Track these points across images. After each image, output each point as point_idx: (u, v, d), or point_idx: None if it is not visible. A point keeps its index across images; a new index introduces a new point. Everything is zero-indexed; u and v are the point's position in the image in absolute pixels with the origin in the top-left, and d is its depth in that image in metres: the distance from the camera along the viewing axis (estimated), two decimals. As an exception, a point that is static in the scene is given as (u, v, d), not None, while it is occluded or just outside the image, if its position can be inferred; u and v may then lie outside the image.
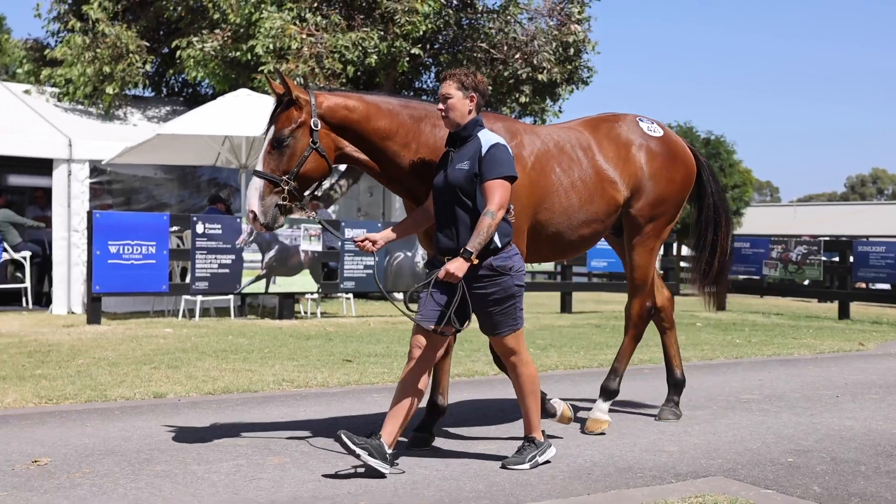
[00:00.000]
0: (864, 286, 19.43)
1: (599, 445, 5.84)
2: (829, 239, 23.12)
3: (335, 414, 6.75)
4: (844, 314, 16.74)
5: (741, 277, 19.51)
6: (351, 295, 15.10)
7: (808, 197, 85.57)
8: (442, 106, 5.14)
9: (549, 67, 16.51)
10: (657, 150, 6.40)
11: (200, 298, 13.38)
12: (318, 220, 5.80)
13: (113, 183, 15.45)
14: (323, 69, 14.54)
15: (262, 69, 14.66)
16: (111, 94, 16.05)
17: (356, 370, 8.76)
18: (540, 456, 5.22)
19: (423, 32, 15.49)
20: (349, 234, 13.55)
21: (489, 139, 5.09)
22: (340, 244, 13.79)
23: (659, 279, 6.96)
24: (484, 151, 5.03)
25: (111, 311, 13.80)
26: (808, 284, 21.38)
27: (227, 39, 15.47)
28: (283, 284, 13.46)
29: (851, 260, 16.99)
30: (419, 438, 5.74)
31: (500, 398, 7.50)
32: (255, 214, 5.20)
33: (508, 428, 6.33)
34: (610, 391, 6.40)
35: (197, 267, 12.66)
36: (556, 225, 5.93)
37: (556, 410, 5.86)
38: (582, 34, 17.01)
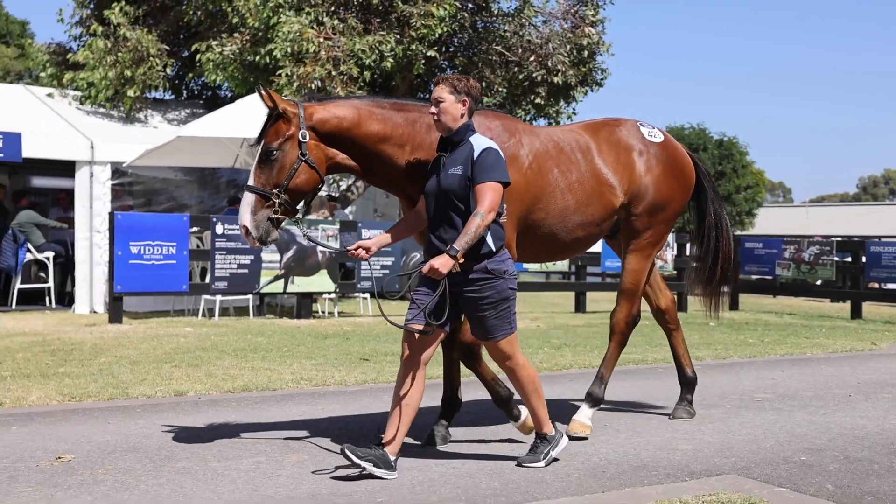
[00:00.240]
0: (876, 286, 19.31)
1: (614, 444, 5.83)
2: (841, 239, 22.97)
3: (353, 412, 6.76)
4: (857, 314, 16.66)
5: (754, 277, 19.43)
6: (368, 295, 15.12)
7: (820, 198, 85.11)
8: (434, 110, 5.07)
9: (563, 70, 16.49)
10: (657, 156, 6.29)
11: (220, 298, 13.42)
12: (307, 235, 5.70)
13: (134, 184, 15.52)
14: (340, 73, 14.56)
15: (280, 72, 14.70)
16: (132, 97, 16.12)
17: (373, 369, 8.77)
18: (553, 450, 5.20)
19: (438, 35, 15.50)
20: (366, 234, 13.56)
21: (481, 143, 5.03)
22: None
23: (661, 281, 6.88)
24: (476, 155, 4.96)
25: (132, 310, 13.85)
26: (820, 284, 21.28)
27: (245, 43, 15.52)
28: (300, 284, 13.49)
29: (864, 260, 16.90)
30: (437, 436, 5.73)
31: (515, 395, 7.49)
32: (247, 229, 5.15)
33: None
34: (595, 397, 6.24)
35: (216, 267, 12.70)
36: (551, 225, 5.85)
37: (519, 416, 5.75)
38: (596, 36, 16.98)
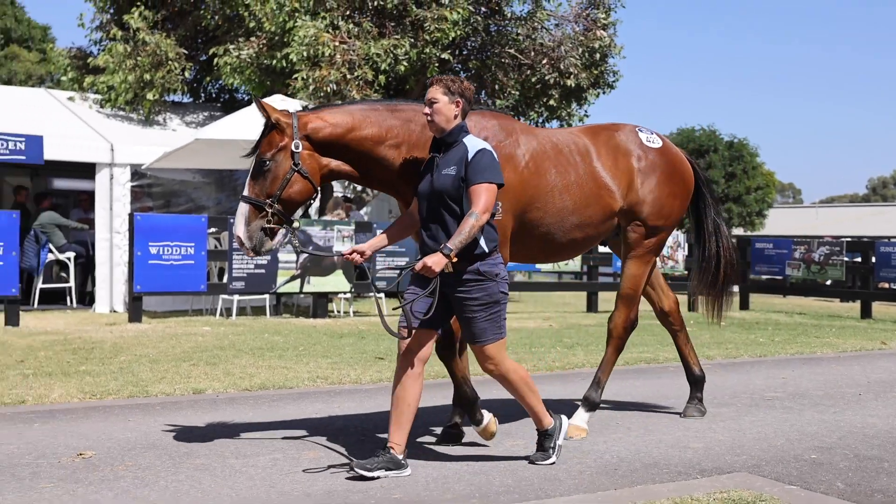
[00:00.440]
0: (886, 286, 19.19)
1: (626, 442, 5.82)
2: (851, 240, 22.86)
3: (368, 410, 6.77)
4: (867, 314, 16.57)
5: (764, 277, 19.35)
6: (382, 294, 15.12)
7: (830, 198, 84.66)
8: (428, 110, 5.01)
9: (575, 72, 16.46)
10: (655, 161, 6.22)
11: (237, 298, 13.46)
12: (300, 248, 5.68)
13: (153, 186, 15.58)
14: (355, 77, 14.58)
15: (296, 76, 14.73)
16: (151, 100, 16.18)
17: (388, 367, 8.77)
18: (558, 439, 5.20)
19: (452, 39, 15.50)
20: (381, 235, 13.55)
21: (475, 145, 4.97)
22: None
23: (664, 283, 6.82)
24: (470, 157, 4.90)
25: (151, 309, 13.91)
26: (830, 284, 21.17)
27: (262, 47, 15.56)
28: (316, 284, 13.51)
29: (873, 260, 16.81)
30: (450, 434, 5.73)
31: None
32: (240, 240, 5.13)
33: (534, 425, 6.31)
34: (592, 402, 6.19)
35: (234, 267, 12.74)
36: (548, 225, 5.80)
37: (482, 420, 5.63)
38: (608, 39, 16.95)
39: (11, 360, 8.82)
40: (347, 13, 15.38)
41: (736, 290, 18.74)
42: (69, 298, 14.93)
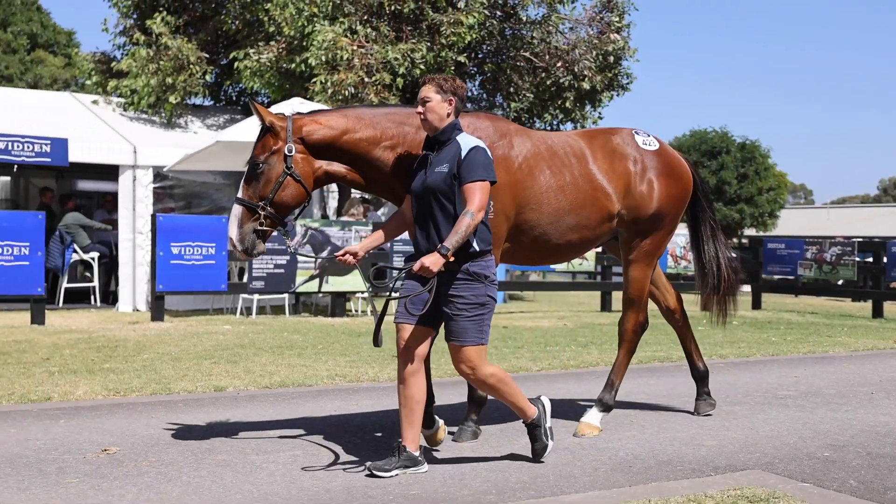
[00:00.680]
0: (897, 286, 19.10)
1: (640, 439, 5.80)
2: (862, 240, 22.72)
3: (386, 407, 6.77)
4: (878, 313, 16.47)
5: (776, 277, 19.26)
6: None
7: (841, 199, 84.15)
8: (420, 109, 4.97)
9: (590, 75, 16.43)
10: (652, 163, 6.12)
11: (257, 297, 13.50)
12: (294, 250, 5.67)
13: (175, 188, 15.64)
14: (373, 81, 14.60)
15: (314, 80, 14.76)
16: (173, 103, 16.25)
17: (405, 366, 8.77)
18: (546, 423, 5.13)
19: (468, 42, 15.50)
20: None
21: (468, 142, 4.92)
22: (390, 245, 13.81)
23: (666, 281, 6.74)
24: (464, 154, 4.85)
25: (173, 308, 13.95)
26: (842, 284, 21.05)
27: (281, 51, 15.60)
28: (335, 284, 13.53)
29: (885, 260, 16.69)
30: (467, 431, 5.73)
31: (544, 392, 7.48)
32: (233, 242, 5.12)
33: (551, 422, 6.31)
34: (606, 404, 6.15)
35: (254, 267, 12.77)
36: (543, 226, 5.71)
37: (435, 425, 5.45)
38: (621, 42, 16.91)
39: (37, 357, 8.87)
40: (365, 18, 15.41)
41: (748, 289, 18.71)
42: (93, 297, 15.01)
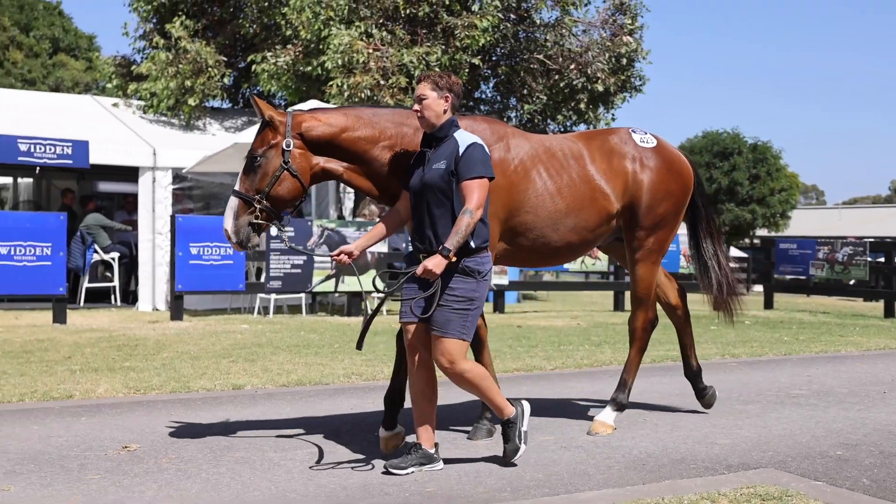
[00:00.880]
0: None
1: (653, 437, 5.79)
2: (874, 240, 22.59)
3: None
4: (890, 313, 16.36)
5: (788, 277, 19.18)
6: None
7: (852, 200, 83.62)
8: (417, 107, 4.95)
9: (603, 77, 16.40)
10: (651, 161, 6.05)
11: (274, 297, 13.53)
12: (289, 245, 5.64)
13: (193, 189, 15.69)
14: (389, 84, 14.62)
15: (331, 83, 14.79)
16: (191, 105, 16.32)
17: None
18: (523, 426, 5.01)
19: (482, 45, 15.50)
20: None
21: (466, 139, 4.89)
22: (404, 246, 13.83)
23: (669, 278, 6.69)
24: (461, 151, 4.82)
25: (192, 308, 14.01)
26: (853, 284, 20.93)
27: (298, 54, 15.63)
28: (351, 283, 13.55)
29: (897, 260, 16.62)
30: (482, 430, 5.72)
31: (558, 391, 7.47)
32: (228, 233, 5.11)
33: (564, 422, 6.30)
34: (619, 403, 6.11)
35: (271, 267, 12.80)
36: (541, 229, 5.66)
37: (394, 430, 5.32)
38: (634, 44, 16.87)
39: (59, 356, 8.92)
40: (381, 21, 15.43)
41: (760, 289, 18.61)
42: (113, 297, 15.08)
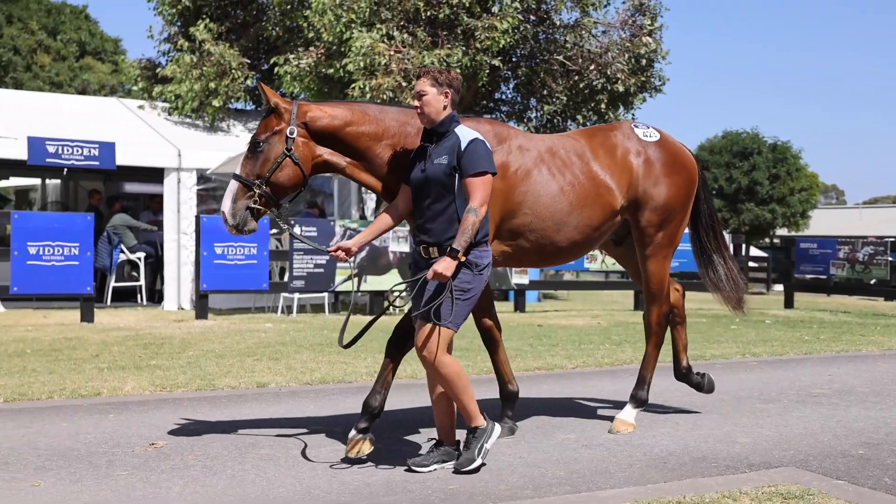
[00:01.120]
0: (930, 285, 18.79)
1: (674, 436, 5.76)
2: (895, 239, 22.38)
3: (424, 403, 6.77)
4: (911, 312, 16.22)
5: (808, 277, 19.04)
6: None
7: (873, 199, 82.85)
8: (417, 103, 4.92)
9: (622, 78, 16.34)
10: (655, 155, 5.97)
11: (297, 296, 13.58)
12: (292, 232, 5.60)
13: (217, 190, 15.76)
14: (410, 86, 14.63)
15: (353, 85, 14.82)
16: (216, 107, 16.41)
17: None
18: (487, 442, 4.88)
19: (502, 46, 15.48)
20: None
21: (467, 135, 4.85)
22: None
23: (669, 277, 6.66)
24: (463, 146, 4.79)
25: (216, 307, 14.08)
26: (874, 283, 20.74)
27: (320, 57, 15.67)
28: (373, 283, 13.57)
29: (918, 260, 16.47)
30: (504, 428, 5.71)
31: (579, 389, 7.45)
32: (225, 216, 5.10)
33: (586, 420, 6.29)
34: (639, 399, 6.08)
35: (294, 267, 12.85)
36: (543, 229, 5.59)
37: (365, 435, 5.10)
38: (654, 45, 16.79)
39: (87, 354, 8.98)
40: (402, 24, 15.44)
41: (780, 288, 18.44)
42: (139, 296, 15.19)
